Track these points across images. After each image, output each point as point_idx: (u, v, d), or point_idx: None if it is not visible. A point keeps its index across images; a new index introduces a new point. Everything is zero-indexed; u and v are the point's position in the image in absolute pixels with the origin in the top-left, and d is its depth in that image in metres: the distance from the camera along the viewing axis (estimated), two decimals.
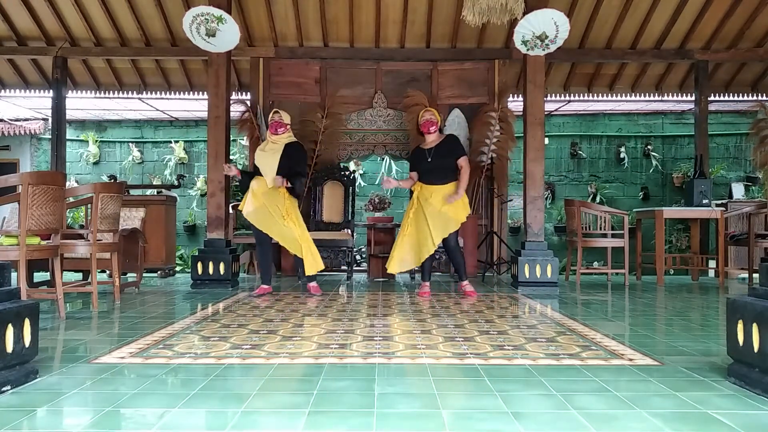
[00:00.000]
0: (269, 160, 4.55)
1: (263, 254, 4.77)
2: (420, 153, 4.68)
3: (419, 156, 4.68)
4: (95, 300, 3.98)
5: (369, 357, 2.47)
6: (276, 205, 4.54)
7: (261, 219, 4.56)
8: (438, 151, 4.60)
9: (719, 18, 6.61)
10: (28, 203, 3.30)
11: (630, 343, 2.83)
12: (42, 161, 10.13)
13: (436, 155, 4.59)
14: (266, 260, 4.81)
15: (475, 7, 4.61)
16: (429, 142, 4.66)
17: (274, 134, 4.63)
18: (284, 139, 4.64)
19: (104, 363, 2.37)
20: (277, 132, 4.62)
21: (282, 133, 4.63)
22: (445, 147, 4.62)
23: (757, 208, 5.98)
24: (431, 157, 4.59)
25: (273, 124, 4.63)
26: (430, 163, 4.57)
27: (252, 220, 4.59)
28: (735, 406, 1.85)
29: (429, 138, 4.66)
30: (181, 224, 9.64)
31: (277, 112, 4.66)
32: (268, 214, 4.54)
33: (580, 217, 5.88)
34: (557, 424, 1.69)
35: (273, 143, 4.62)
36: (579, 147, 9.92)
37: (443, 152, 4.59)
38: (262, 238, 4.64)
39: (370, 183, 9.92)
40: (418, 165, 4.67)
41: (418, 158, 4.69)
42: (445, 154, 4.59)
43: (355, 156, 7.05)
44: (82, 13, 6.52)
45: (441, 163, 4.57)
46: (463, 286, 4.71)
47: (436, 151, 4.60)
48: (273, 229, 4.57)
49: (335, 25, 6.66)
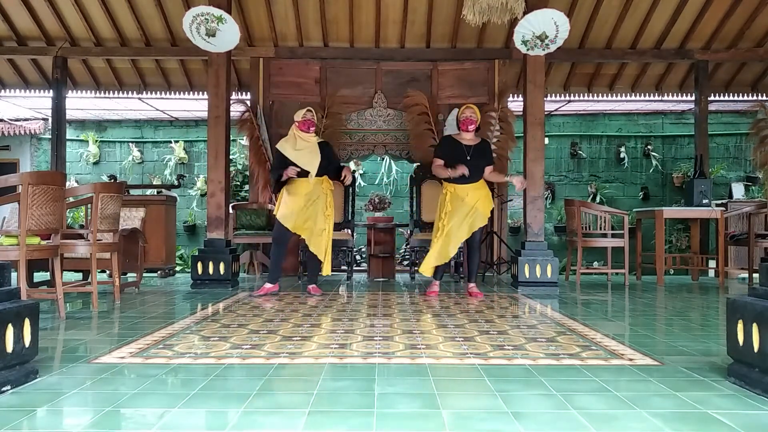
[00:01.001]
0: (311, 159, 4.53)
1: (279, 253, 4.67)
2: (458, 147, 4.59)
3: (457, 150, 4.57)
4: (95, 300, 3.98)
5: (369, 357, 2.47)
6: (317, 204, 4.53)
7: (299, 221, 4.52)
8: (476, 151, 4.59)
9: (719, 18, 6.61)
10: (28, 203, 3.30)
11: (630, 343, 2.83)
12: (42, 161, 10.13)
13: (476, 155, 4.57)
14: (281, 259, 4.72)
15: (475, 6, 4.61)
16: (467, 139, 4.62)
17: (305, 132, 4.61)
18: (314, 138, 4.67)
19: (104, 363, 2.37)
20: (309, 130, 4.62)
21: (312, 131, 4.65)
22: (482, 150, 4.64)
23: (757, 208, 5.98)
24: (471, 156, 4.54)
25: (306, 122, 4.61)
26: (470, 161, 4.51)
27: (288, 222, 4.50)
28: (735, 406, 1.85)
29: (466, 135, 4.62)
30: (181, 224, 9.64)
31: (310, 110, 4.66)
32: (308, 216, 4.51)
33: (580, 217, 5.88)
34: (557, 424, 1.69)
35: (304, 141, 4.60)
36: (579, 147, 9.92)
37: (480, 154, 4.60)
38: (285, 237, 4.59)
39: (370, 183, 9.92)
40: (454, 158, 4.52)
41: (455, 151, 4.56)
42: (482, 156, 4.61)
43: (355, 156, 7.05)
44: (82, 13, 6.52)
45: (478, 163, 4.56)
46: (470, 288, 4.68)
47: (475, 151, 4.58)
48: (307, 228, 4.53)
49: (335, 25, 6.66)
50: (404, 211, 9.00)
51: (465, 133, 4.62)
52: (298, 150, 4.57)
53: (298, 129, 4.64)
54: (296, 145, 4.60)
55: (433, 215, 5.22)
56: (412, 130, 6.62)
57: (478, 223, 4.53)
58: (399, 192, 9.67)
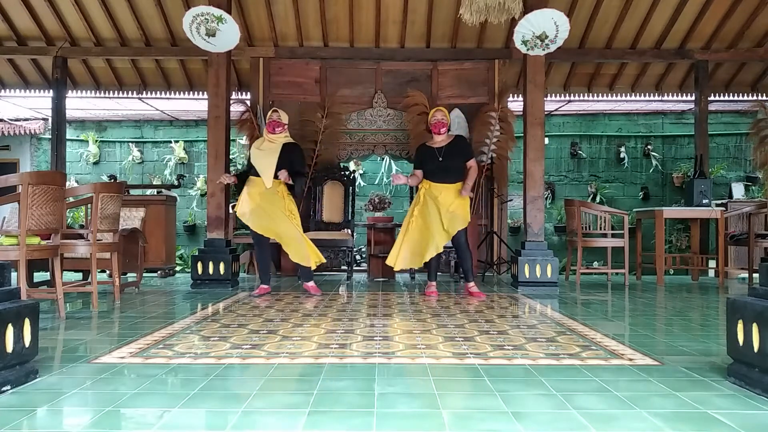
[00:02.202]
0: (267, 160, 4.48)
1: (262, 255, 4.71)
2: (429, 151, 4.63)
3: (428, 154, 4.62)
4: (95, 300, 3.98)
5: (369, 357, 2.47)
6: (273, 205, 4.49)
7: (257, 220, 4.50)
8: (449, 151, 4.57)
9: (719, 18, 6.61)
10: (28, 203, 3.30)
11: (630, 343, 2.83)
12: (42, 161, 10.13)
13: (448, 155, 4.56)
14: (265, 261, 4.77)
15: (472, 6, 4.61)
16: (438, 141, 4.63)
17: (271, 133, 4.58)
18: (282, 139, 4.59)
19: (104, 363, 2.37)
20: (274, 131, 4.57)
21: (279, 132, 4.58)
22: (456, 147, 4.60)
23: (757, 208, 5.98)
24: (442, 157, 4.55)
25: (271, 123, 4.58)
26: (442, 162, 4.53)
27: (247, 221, 4.53)
28: (735, 406, 1.85)
29: (438, 138, 4.63)
30: (181, 224, 9.64)
31: (276, 111, 4.61)
32: (265, 215, 4.48)
33: (580, 217, 5.88)
34: (557, 424, 1.69)
35: (270, 142, 4.57)
36: (579, 147, 9.91)
37: (454, 152, 4.58)
38: (260, 238, 4.59)
39: (370, 183, 9.91)
40: (427, 163, 4.60)
41: (427, 156, 4.62)
42: (456, 154, 4.58)
43: (355, 156, 7.05)
44: (82, 13, 6.52)
45: (452, 163, 4.55)
46: (469, 288, 4.64)
47: (447, 151, 4.57)
48: (270, 229, 4.51)
49: (335, 25, 6.66)
50: (404, 211, 8.94)
51: (436, 136, 4.62)
52: (259, 150, 4.56)
53: (266, 130, 4.63)
54: (261, 146, 4.59)
55: None
56: (412, 130, 6.62)
57: (458, 225, 4.47)
58: (399, 192, 9.66)
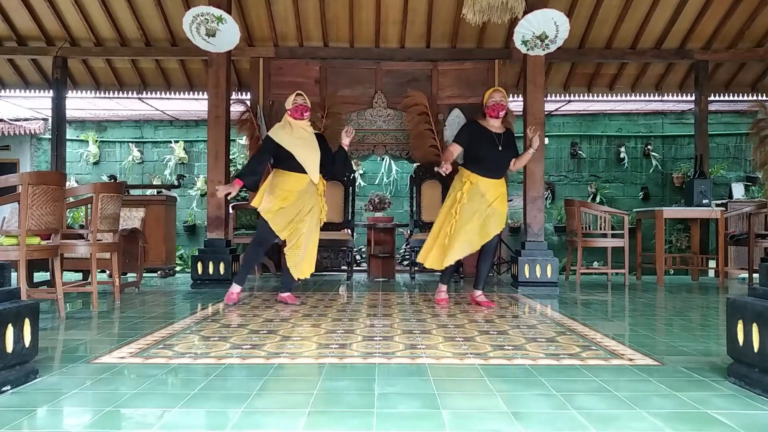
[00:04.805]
0: (311, 154, 4.00)
1: (256, 255, 4.24)
2: (487, 134, 3.96)
3: (486, 137, 3.95)
4: (95, 300, 3.98)
5: (369, 357, 2.47)
6: (310, 204, 4.03)
7: (281, 220, 3.98)
8: (507, 141, 4.00)
9: (719, 18, 6.61)
10: (28, 203, 3.30)
11: (630, 343, 2.83)
12: (42, 161, 10.12)
13: (506, 145, 3.98)
14: (256, 261, 4.43)
15: (475, 5, 4.60)
16: (496, 126, 4.01)
17: (299, 119, 4.04)
18: (310, 128, 4.14)
19: (104, 363, 2.37)
20: (303, 116, 4.04)
21: (307, 118, 4.09)
22: (511, 139, 4.06)
23: (757, 208, 5.98)
24: (502, 145, 3.95)
25: (299, 108, 4.02)
26: (502, 152, 3.95)
27: (271, 218, 3.97)
28: (735, 406, 1.85)
29: (494, 122, 4.01)
30: (181, 224, 9.63)
31: (300, 95, 4.07)
32: (295, 214, 4.00)
33: (580, 217, 5.88)
34: (557, 424, 1.69)
35: (303, 129, 4.06)
36: (579, 147, 9.91)
37: (510, 144, 4.03)
38: (268, 239, 4.11)
39: (370, 183, 9.91)
40: (480, 148, 3.95)
41: (484, 139, 3.95)
42: (512, 146, 4.06)
43: (355, 156, 7.05)
44: (82, 13, 6.52)
45: (507, 155, 4.01)
46: (476, 297, 4.13)
47: (505, 140, 3.98)
48: (291, 229, 4.01)
49: (335, 25, 6.66)
50: (404, 211, 9.00)
51: (493, 120, 3.99)
52: (297, 139, 4.00)
53: (291, 117, 4.07)
54: (293, 134, 4.02)
55: (433, 215, 5.05)
56: (412, 130, 6.62)
57: (495, 226, 3.92)
58: (399, 192, 9.66)
